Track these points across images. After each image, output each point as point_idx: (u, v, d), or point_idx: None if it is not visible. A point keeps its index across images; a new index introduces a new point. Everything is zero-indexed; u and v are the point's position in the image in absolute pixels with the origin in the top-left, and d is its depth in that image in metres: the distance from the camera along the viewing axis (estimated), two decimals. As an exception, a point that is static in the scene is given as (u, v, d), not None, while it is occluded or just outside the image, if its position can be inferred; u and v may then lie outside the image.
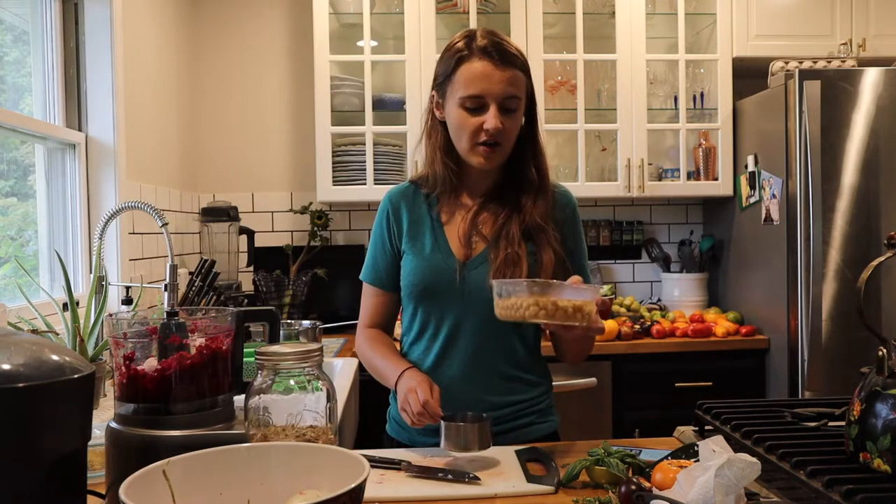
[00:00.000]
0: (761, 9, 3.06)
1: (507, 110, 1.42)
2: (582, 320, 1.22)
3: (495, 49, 1.41)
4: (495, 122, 1.40)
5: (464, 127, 1.44)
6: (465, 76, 1.42)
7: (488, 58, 1.40)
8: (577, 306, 1.21)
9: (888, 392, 1.01)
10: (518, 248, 1.44)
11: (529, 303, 1.21)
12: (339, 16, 3.19)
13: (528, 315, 1.20)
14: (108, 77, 2.36)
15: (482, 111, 1.42)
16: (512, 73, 1.41)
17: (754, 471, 0.93)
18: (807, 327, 2.62)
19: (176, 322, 1.05)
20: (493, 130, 1.41)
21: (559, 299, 1.21)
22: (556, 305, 1.20)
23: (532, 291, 1.21)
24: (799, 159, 2.64)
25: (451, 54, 1.45)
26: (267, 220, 3.38)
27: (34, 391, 0.80)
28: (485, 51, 1.41)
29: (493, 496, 1.16)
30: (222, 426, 1.03)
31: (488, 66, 1.40)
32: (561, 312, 1.20)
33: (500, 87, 1.40)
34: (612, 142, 3.20)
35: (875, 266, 1.09)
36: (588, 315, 1.22)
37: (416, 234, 1.53)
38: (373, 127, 3.04)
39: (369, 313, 1.60)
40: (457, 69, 1.43)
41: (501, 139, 1.43)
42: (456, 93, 1.43)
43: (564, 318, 1.21)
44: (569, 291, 1.23)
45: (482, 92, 1.41)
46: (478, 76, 1.40)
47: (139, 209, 1.89)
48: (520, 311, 1.21)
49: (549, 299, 1.20)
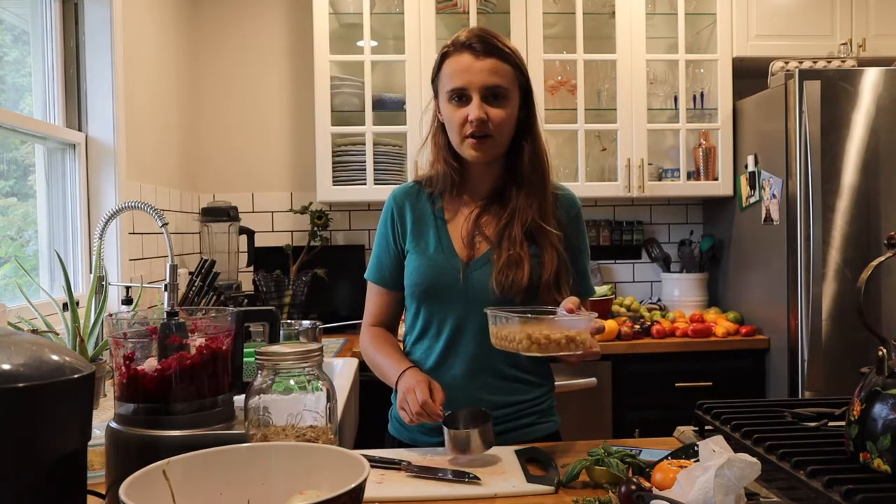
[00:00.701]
0: (761, 9, 3.06)
1: (492, 99, 1.43)
2: (576, 349, 1.24)
3: (477, 41, 1.43)
4: (477, 111, 1.41)
5: (452, 120, 1.46)
6: (448, 70, 1.45)
7: (468, 50, 1.43)
8: (570, 337, 1.23)
9: (888, 392, 1.01)
10: (520, 249, 1.45)
11: (521, 336, 1.23)
12: (339, 16, 3.19)
13: (521, 348, 1.22)
14: (108, 77, 2.36)
15: (466, 103, 1.43)
16: (493, 63, 1.42)
17: (754, 471, 0.93)
18: (807, 327, 2.62)
19: (176, 322, 1.05)
20: (475, 120, 1.42)
21: (552, 332, 1.22)
22: (548, 339, 1.22)
23: (524, 325, 1.23)
24: (799, 159, 2.64)
25: (439, 54, 1.49)
26: (267, 220, 3.38)
27: (34, 391, 0.80)
28: (466, 44, 1.43)
29: (493, 496, 1.16)
30: (222, 426, 1.03)
31: (468, 58, 1.43)
32: (554, 345, 1.22)
33: (481, 77, 1.41)
34: (612, 142, 3.20)
35: (875, 266, 1.09)
36: (582, 343, 1.24)
37: (420, 233, 1.53)
38: (373, 127, 3.04)
39: (374, 312, 1.61)
40: (441, 65, 1.47)
41: (489, 130, 1.43)
42: (444, 89, 1.46)
43: (557, 349, 1.23)
44: (562, 322, 1.24)
45: (464, 83, 1.42)
46: (459, 69, 1.43)
47: (139, 209, 1.89)
48: (512, 344, 1.23)
49: (541, 333, 1.22)
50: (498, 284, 1.43)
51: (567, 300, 1.33)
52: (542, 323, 1.24)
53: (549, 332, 1.22)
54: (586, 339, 1.25)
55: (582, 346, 1.24)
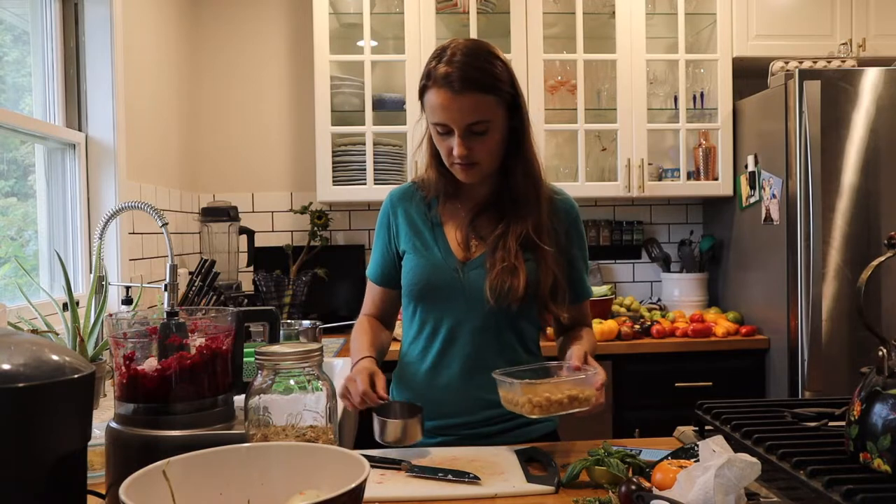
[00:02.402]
0: (761, 9, 3.06)
1: (475, 134, 1.41)
2: (580, 406, 1.26)
3: (455, 76, 1.37)
4: (460, 149, 1.41)
5: (440, 147, 1.46)
6: (430, 105, 1.42)
7: (447, 87, 1.38)
8: (573, 396, 1.25)
9: (888, 392, 1.01)
10: (515, 259, 1.45)
11: (524, 401, 1.25)
12: (339, 16, 3.19)
13: (525, 412, 1.25)
14: (108, 77, 2.36)
15: (450, 136, 1.42)
16: (474, 100, 1.38)
17: (754, 471, 0.93)
18: (807, 327, 2.62)
19: (176, 322, 1.05)
20: (458, 158, 1.42)
21: (553, 393, 1.24)
22: (549, 401, 1.24)
23: (526, 389, 1.25)
24: (799, 159, 2.64)
25: (422, 76, 1.44)
26: (267, 220, 3.37)
27: (34, 391, 0.80)
28: (445, 79, 1.38)
29: (493, 496, 1.16)
30: (222, 426, 1.03)
31: (447, 97, 1.38)
32: (556, 405, 1.24)
33: (460, 116, 1.39)
34: (612, 142, 3.20)
35: (875, 266, 1.09)
36: (586, 400, 1.27)
37: (417, 234, 1.54)
38: (373, 127, 3.04)
39: (369, 305, 1.64)
40: (424, 95, 1.44)
41: (475, 159, 1.43)
42: (428, 117, 1.45)
43: (560, 409, 1.25)
44: (564, 382, 1.26)
45: (444, 120, 1.40)
46: (438, 106, 1.40)
47: (139, 209, 1.89)
48: (517, 408, 1.26)
49: (542, 396, 1.24)
50: (492, 291, 1.43)
51: (573, 356, 1.36)
52: (544, 385, 1.26)
53: (549, 394, 1.25)
54: (590, 395, 1.28)
55: (586, 403, 1.27)
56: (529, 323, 1.54)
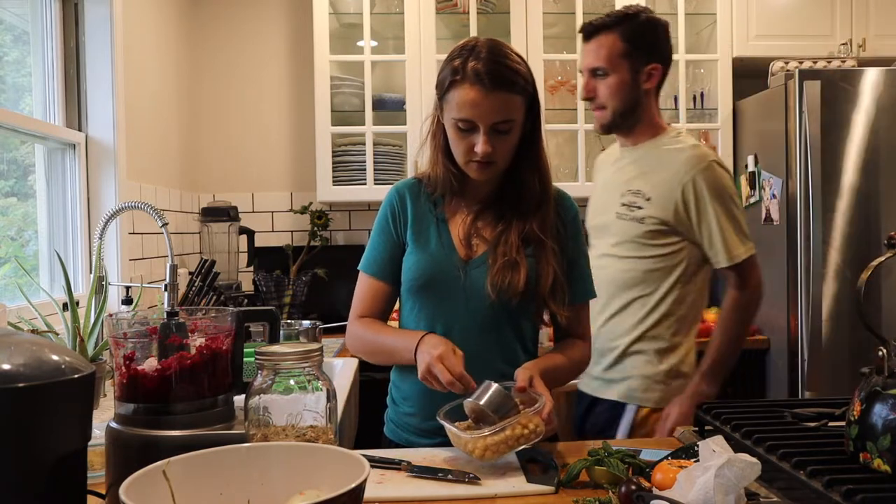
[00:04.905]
0: (761, 9, 3.06)
1: (499, 132, 1.41)
2: (531, 435, 1.25)
3: (488, 73, 1.37)
4: (485, 147, 1.40)
5: (457, 144, 1.45)
6: (457, 100, 1.40)
7: (479, 84, 1.37)
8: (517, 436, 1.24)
9: (888, 392, 1.01)
10: (517, 255, 1.45)
11: (469, 450, 1.25)
12: (339, 16, 3.19)
13: (486, 458, 1.24)
14: (108, 77, 2.36)
15: (473, 133, 1.41)
16: (503, 98, 1.38)
17: (754, 471, 0.93)
18: (807, 327, 2.62)
19: (176, 322, 1.05)
20: (482, 156, 1.41)
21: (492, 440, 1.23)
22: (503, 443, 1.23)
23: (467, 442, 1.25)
24: (799, 159, 2.64)
25: (448, 72, 1.42)
26: (267, 220, 3.37)
27: (34, 391, 0.80)
28: (477, 76, 1.37)
29: (493, 496, 1.16)
30: (222, 426, 1.03)
31: (479, 94, 1.37)
32: (504, 446, 1.24)
33: (490, 114, 1.39)
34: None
35: (875, 266, 1.10)
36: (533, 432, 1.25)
37: (421, 228, 1.53)
38: (373, 127, 3.04)
39: (364, 305, 1.57)
40: (450, 90, 1.42)
41: (494, 158, 1.43)
42: (450, 112, 1.43)
43: (516, 444, 1.25)
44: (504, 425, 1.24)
45: (472, 117, 1.39)
46: (468, 103, 1.39)
47: (139, 209, 1.89)
48: (475, 454, 1.25)
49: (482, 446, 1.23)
50: (493, 286, 1.43)
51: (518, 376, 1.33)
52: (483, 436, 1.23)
53: (490, 441, 1.23)
54: (537, 426, 1.26)
55: (535, 434, 1.25)
56: (529, 322, 1.54)
